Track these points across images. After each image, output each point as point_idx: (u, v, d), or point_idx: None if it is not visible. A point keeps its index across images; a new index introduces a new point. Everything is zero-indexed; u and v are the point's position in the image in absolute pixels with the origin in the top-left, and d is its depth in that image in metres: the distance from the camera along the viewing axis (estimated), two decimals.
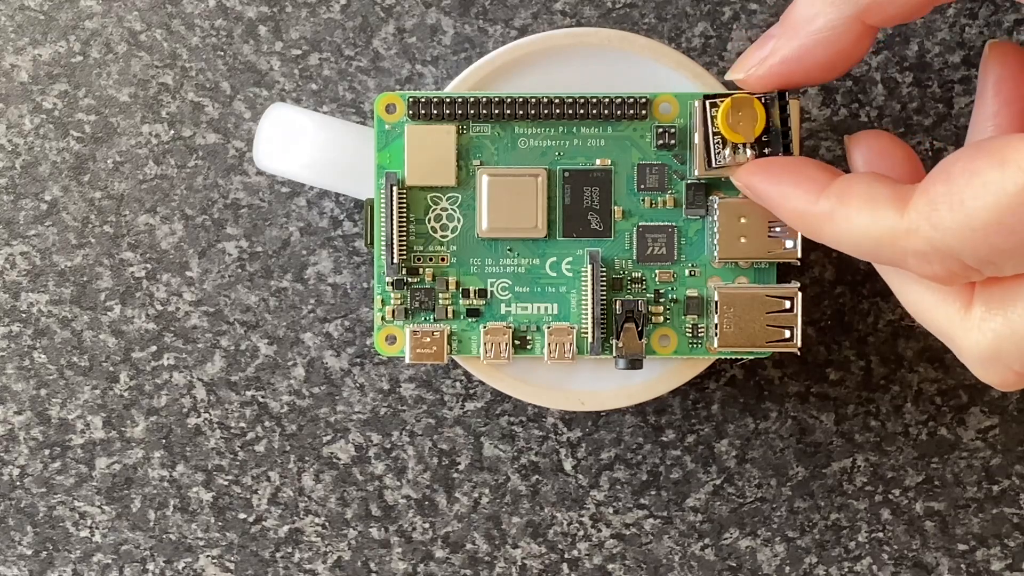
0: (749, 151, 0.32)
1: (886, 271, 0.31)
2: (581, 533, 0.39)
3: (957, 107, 0.38)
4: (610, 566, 0.39)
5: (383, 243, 0.33)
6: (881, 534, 0.39)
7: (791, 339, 0.33)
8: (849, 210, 0.29)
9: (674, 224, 0.34)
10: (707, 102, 0.32)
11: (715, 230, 0.33)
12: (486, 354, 0.34)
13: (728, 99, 0.32)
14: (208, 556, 0.39)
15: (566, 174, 0.34)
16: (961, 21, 0.38)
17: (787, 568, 0.39)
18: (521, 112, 0.33)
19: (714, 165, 0.32)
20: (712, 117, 0.32)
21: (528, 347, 0.34)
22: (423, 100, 0.33)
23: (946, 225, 0.27)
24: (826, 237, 0.29)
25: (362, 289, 0.38)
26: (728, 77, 0.32)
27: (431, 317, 0.34)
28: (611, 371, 0.34)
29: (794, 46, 0.30)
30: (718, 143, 0.32)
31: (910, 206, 0.28)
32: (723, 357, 0.34)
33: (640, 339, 0.33)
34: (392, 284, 0.34)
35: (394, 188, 0.33)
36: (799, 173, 0.30)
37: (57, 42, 0.38)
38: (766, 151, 0.32)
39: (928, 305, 0.30)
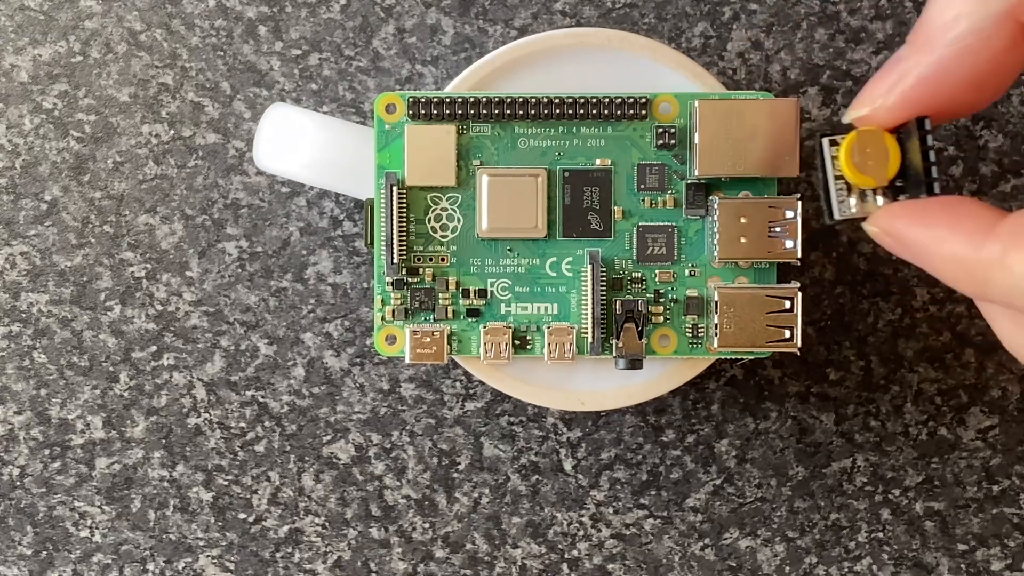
0: (881, 198, 0.27)
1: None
2: (581, 533, 0.39)
3: None
4: (610, 566, 0.39)
5: (383, 243, 0.33)
6: (881, 534, 0.39)
7: (791, 339, 0.33)
8: None
9: (674, 224, 0.34)
10: (825, 140, 0.28)
11: (715, 230, 0.33)
12: (486, 354, 0.34)
13: (851, 134, 0.27)
14: (208, 556, 0.39)
15: (566, 174, 0.34)
16: None
17: (787, 568, 0.39)
18: (521, 112, 0.33)
19: (837, 216, 0.28)
20: (833, 158, 0.27)
21: (528, 347, 0.34)
22: (423, 100, 0.33)
23: None
24: (996, 287, 0.24)
25: (362, 289, 0.38)
26: (848, 119, 0.27)
27: (431, 317, 0.34)
28: (611, 371, 0.34)
29: (930, 62, 0.25)
30: (842, 189, 0.28)
31: None
32: (723, 357, 0.34)
33: (640, 339, 0.33)
34: (392, 284, 0.34)
35: (394, 188, 0.33)
36: (957, 213, 0.25)
37: (57, 42, 0.38)
38: (901, 197, 0.27)
39: None
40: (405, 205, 0.33)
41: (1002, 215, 0.25)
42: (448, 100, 0.33)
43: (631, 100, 0.33)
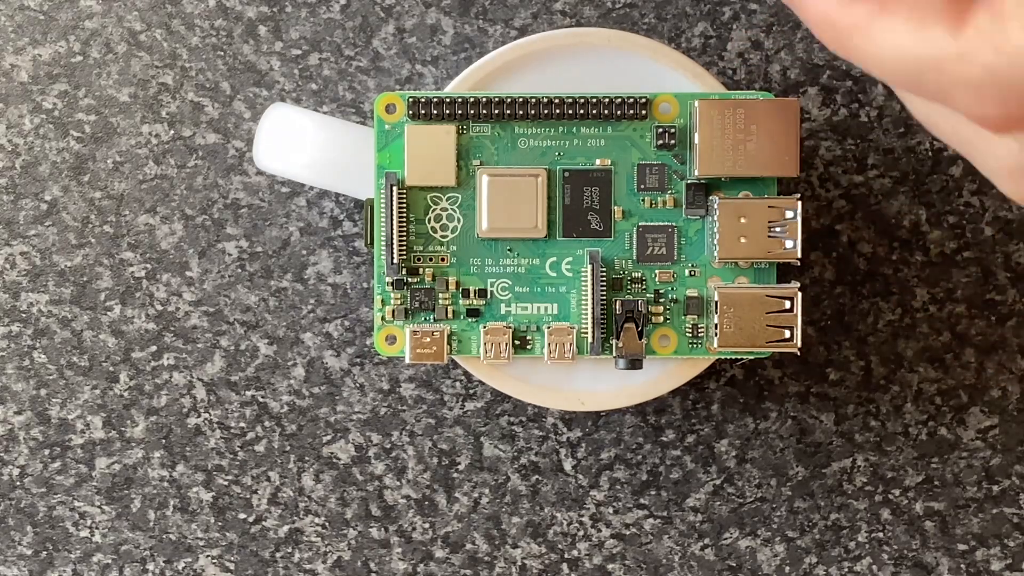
0: None
1: (913, 100, 0.25)
2: (581, 533, 0.39)
3: None
4: (610, 566, 0.39)
5: (383, 243, 0.33)
6: (881, 534, 0.39)
7: (791, 339, 0.33)
8: (891, 21, 0.22)
9: (674, 224, 0.34)
10: None
11: (715, 230, 0.33)
12: (486, 354, 0.34)
13: None
14: (208, 556, 0.39)
15: (566, 174, 0.34)
16: None
17: (787, 568, 0.39)
18: (521, 112, 0.33)
19: None
20: None
21: (528, 347, 0.34)
22: (423, 100, 0.33)
23: (1016, 50, 0.21)
24: (855, 52, 0.23)
25: (362, 289, 0.38)
26: None
27: (431, 317, 0.34)
28: (611, 371, 0.34)
29: None
30: None
31: (969, 22, 0.21)
32: (723, 357, 0.34)
33: (640, 339, 0.33)
34: (392, 284, 0.34)
35: (394, 188, 0.33)
36: None
37: (57, 42, 0.38)
38: None
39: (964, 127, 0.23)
40: (405, 205, 0.33)
41: None
42: (448, 100, 0.33)
43: (631, 100, 0.33)
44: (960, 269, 0.38)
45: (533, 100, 0.33)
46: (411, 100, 0.33)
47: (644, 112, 0.33)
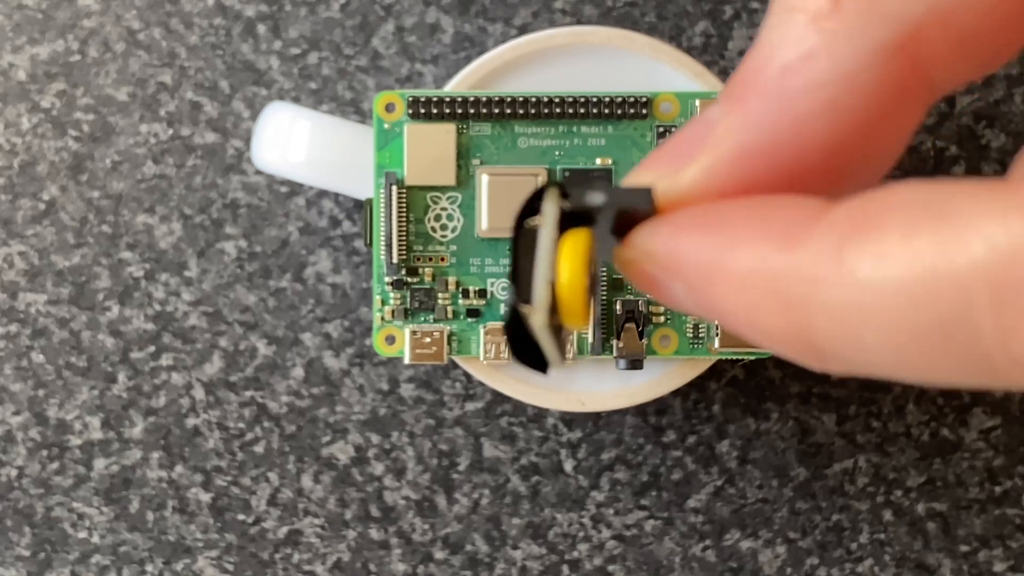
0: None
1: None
2: (581, 534, 0.39)
3: (959, 106, 0.38)
4: (611, 567, 0.39)
5: (383, 243, 0.33)
6: (883, 535, 0.39)
7: None
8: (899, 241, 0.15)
9: None
10: (544, 229, 0.20)
11: None
12: (486, 354, 0.34)
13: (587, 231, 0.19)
14: (207, 557, 0.39)
15: (566, 174, 0.33)
16: None
17: (788, 569, 0.39)
18: (521, 111, 0.33)
19: (557, 364, 0.20)
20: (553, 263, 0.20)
21: None
22: (423, 99, 0.33)
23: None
24: (824, 308, 0.15)
25: (361, 289, 0.38)
26: (632, 183, 0.18)
27: (431, 317, 0.34)
28: (611, 371, 0.34)
29: (763, 123, 0.16)
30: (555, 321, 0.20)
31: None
32: (724, 357, 0.34)
33: (641, 339, 0.33)
34: (391, 284, 0.34)
35: (394, 188, 0.33)
36: (764, 207, 0.16)
37: (55, 41, 0.38)
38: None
39: None
40: (405, 205, 0.33)
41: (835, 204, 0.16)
42: (448, 99, 0.33)
43: (632, 99, 0.33)
44: None
45: (533, 99, 0.33)
46: (411, 99, 0.33)
47: (645, 111, 0.33)
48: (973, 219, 0.14)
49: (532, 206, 0.18)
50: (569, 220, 0.19)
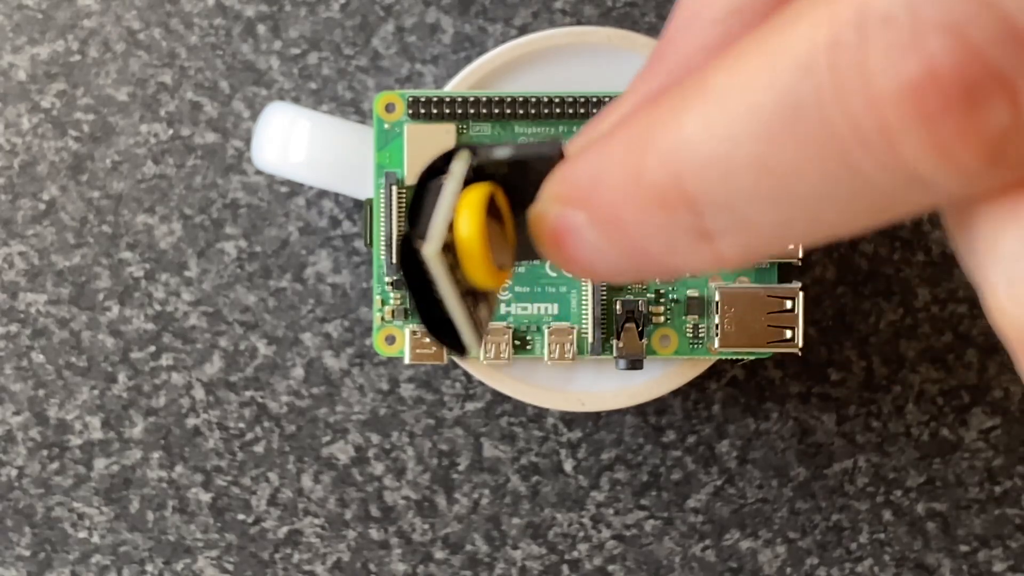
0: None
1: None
2: (581, 534, 0.39)
3: None
4: (610, 567, 0.39)
5: (382, 243, 0.33)
6: (883, 535, 0.39)
7: (792, 339, 0.33)
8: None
9: None
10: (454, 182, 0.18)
11: None
12: (486, 354, 0.34)
13: (483, 185, 0.18)
14: (207, 557, 0.39)
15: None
16: None
17: (788, 569, 0.39)
18: (521, 111, 0.33)
19: (476, 352, 0.20)
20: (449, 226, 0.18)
21: (528, 347, 0.34)
22: (423, 99, 0.33)
23: None
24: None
25: (361, 289, 0.38)
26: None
27: None
28: (611, 371, 0.34)
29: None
30: (468, 297, 0.19)
31: None
32: (724, 357, 0.34)
33: (641, 339, 0.33)
34: (391, 284, 0.34)
35: (394, 188, 0.33)
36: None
37: (55, 41, 0.38)
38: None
39: None
40: (405, 205, 0.33)
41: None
42: (448, 99, 0.33)
43: None
44: (962, 269, 0.38)
45: (533, 99, 0.33)
46: (411, 99, 0.33)
47: None
48: (785, 26, 0.15)
49: (438, 166, 0.18)
50: (477, 179, 0.18)
